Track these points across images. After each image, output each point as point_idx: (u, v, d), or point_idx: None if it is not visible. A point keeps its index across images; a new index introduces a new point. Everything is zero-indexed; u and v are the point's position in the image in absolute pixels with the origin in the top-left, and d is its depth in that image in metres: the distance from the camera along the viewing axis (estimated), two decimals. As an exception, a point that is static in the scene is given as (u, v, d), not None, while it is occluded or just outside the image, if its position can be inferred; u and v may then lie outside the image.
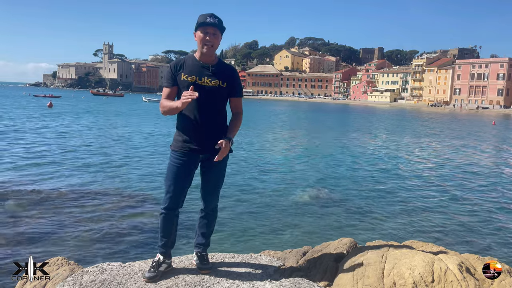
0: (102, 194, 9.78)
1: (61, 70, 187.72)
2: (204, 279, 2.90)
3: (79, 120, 31.05)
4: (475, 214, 9.36)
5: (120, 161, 14.32)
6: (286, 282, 2.92)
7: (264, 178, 12.46)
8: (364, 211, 9.22)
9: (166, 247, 3.02)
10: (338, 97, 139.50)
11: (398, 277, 2.73)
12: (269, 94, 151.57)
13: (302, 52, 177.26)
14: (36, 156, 14.48)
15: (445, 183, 12.77)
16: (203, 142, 2.88)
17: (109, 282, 2.80)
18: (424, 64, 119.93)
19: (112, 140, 20.35)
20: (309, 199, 10.15)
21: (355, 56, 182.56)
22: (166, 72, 2.94)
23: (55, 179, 10.98)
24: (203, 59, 2.90)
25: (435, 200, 10.48)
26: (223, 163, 3.05)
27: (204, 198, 3.10)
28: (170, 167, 2.94)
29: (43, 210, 8.25)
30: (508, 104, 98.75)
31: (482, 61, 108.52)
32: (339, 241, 3.78)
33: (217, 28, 2.82)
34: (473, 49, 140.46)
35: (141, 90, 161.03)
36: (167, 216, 2.98)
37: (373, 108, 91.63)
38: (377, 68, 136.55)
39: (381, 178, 13.08)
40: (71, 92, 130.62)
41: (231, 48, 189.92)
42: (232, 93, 2.99)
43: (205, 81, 2.86)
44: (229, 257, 3.40)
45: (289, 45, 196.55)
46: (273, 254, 3.93)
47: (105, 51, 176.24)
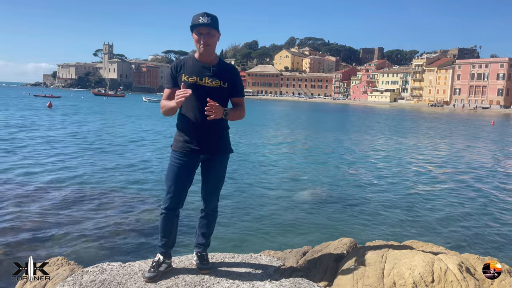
0: (102, 194, 9.78)
1: (61, 70, 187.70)
2: (204, 279, 2.90)
3: (85, 121, 31.05)
4: (475, 214, 9.35)
5: (121, 161, 14.31)
6: (286, 282, 2.92)
7: (264, 178, 12.45)
8: (364, 211, 9.21)
9: (166, 247, 3.02)
10: (338, 97, 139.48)
11: (398, 277, 2.73)
12: (269, 94, 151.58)
13: (302, 52, 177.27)
14: (36, 156, 14.48)
15: (445, 183, 12.76)
16: (203, 142, 2.88)
17: (109, 282, 2.80)
18: (424, 64, 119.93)
19: (113, 140, 20.35)
20: (309, 199, 10.14)
21: (355, 56, 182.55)
22: (167, 73, 2.94)
23: (55, 179, 10.98)
24: (203, 59, 2.90)
25: (435, 200, 10.48)
26: (223, 163, 3.05)
27: (205, 198, 3.10)
28: (170, 167, 2.94)
29: (43, 210, 8.24)
30: (508, 104, 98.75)
31: (482, 61, 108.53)
32: (339, 241, 3.78)
33: (210, 27, 2.80)
34: (473, 49, 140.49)
35: (141, 90, 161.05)
36: (167, 216, 2.98)
37: (373, 108, 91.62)
38: (377, 68, 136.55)
39: (381, 178, 13.07)
40: (71, 92, 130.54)
41: (231, 48, 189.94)
42: (234, 93, 2.99)
43: (206, 81, 2.86)
44: (229, 257, 3.40)
45: (289, 45, 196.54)
46: (273, 254, 3.93)
47: (105, 51, 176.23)
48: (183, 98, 2.65)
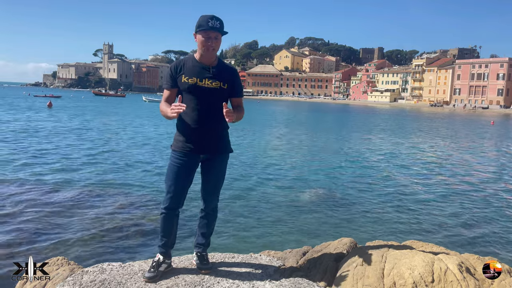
0: (102, 194, 9.78)
1: (61, 70, 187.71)
2: (204, 279, 2.90)
3: (85, 120, 31.05)
4: (475, 214, 9.36)
5: (120, 161, 14.31)
6: (286, 282, 2.92)
7: (264, 178, 12.45)
8: (364, 211, 9.21)
9: (166, 247, 3.02)
10: (338, 97, 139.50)
11: (398, 277, 2.73)
12: (269, 94, 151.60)
13: (302, 52, 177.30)
14: (36, 156, 14.48)
15: (445, 183, 12.77)
16: (203, 142, 2.89)
17: (109, 282, 2.80)
18: (424, 64, 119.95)
19: (113, 140, 20.35)
20: (309, 199, 10.14)
21: (355, 56, 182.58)
22: (166, 74, 2.94)
23: (55, 179, 10.98)
24: (204, 60, 2.90)
25: (435, 200, 10.48)
26: (223, 163, 3.05)
27: (204, 198, 3.10)
28: (170, 167, 2.94)
29: (43, 210, 8.24)
30: (508, 104, 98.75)
31: (482, 61, 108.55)
32: (339, 241, 3.78)
33: (218, 32, 2.82)
34: (473, 49, 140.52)
35: (141, 90, 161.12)
36: (167, 216, 2.98)
37: (373, 108, 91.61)
38: (377, 68, 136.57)
39: (381, 178, 13.08)
40: (71, 92, 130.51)
41: (231, 48, 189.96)
42: (233, 93, 3.00)
43: (206, 82, 2.86)
44: (229, 257, 3.40)
45: (289, 45, 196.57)
46: (273, 254, 3.93)
47: (105, 51, 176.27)
48: (176, 115, 2.67)
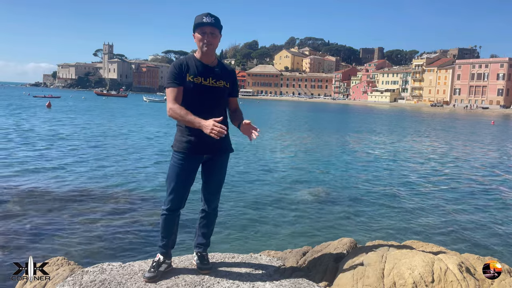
0: (102, 194, 9.77)
1: (61, 70, 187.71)
2: (204, 279, 2.91)
3: (84, 120, 31.06)
4: (475, 214, 9.35)
5: (121, 161, 14.31)
6: (286, 282, 2.92)
7: (264, 178, 12.45)
8: (364, 211, 9.21)
9: (167, 247, 3.02)
10: (338, 97, 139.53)
11: (398, 277, 2.73)
12: (269, 94, 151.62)
13: (302, 52, 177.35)
14: (36, 155, 14.48)
15: (445, 183, 12.76)
16: (205, 143, 2.88)
17: (109, 282, 2.80)
18: (424, 64, 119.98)
19: (113, 140, 20.35)
20: (309, 199, 10.14)
21: (355, 56, 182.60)
22: (171, 72, 2.85)
23: (56, 179, 10.97)
24: (205, 59, 2.91)
25: (435, 200, 10.47)
26: (224, 163, 3.06)
27: (206, 198, 3.09)
28: (172, 168, 2.93)
29: (43, 210, 8.24)
30: (508, 104, 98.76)
31: (482, 61, 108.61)
32: (339, 241, 3.78)
33: (214, 27, 2.83)
34: (473, 49, 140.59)
35: (141, 90, 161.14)
36: (168, 216, 2.98)
37: (373, 108, 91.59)
38: (377, 68, 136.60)
39: (381, 178, 13.07)
40: (70, 92, 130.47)
41: (231, 48, 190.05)
42: (231, 93, 3.04)
43: (211, 81, 2.88)
44: (229, 257, 3.40)
45: (289, 45, 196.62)
46: (273, 254, 3.93)
47: (105, 51, 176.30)
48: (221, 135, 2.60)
